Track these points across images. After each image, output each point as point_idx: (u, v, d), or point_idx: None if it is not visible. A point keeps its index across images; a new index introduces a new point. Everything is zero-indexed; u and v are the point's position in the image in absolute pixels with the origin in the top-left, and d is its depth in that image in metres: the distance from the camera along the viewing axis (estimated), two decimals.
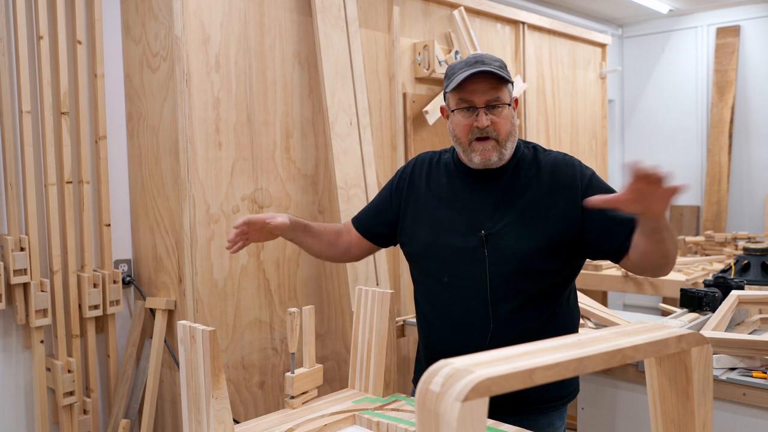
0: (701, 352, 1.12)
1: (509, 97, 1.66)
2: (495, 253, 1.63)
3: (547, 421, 1.74)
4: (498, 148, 1.64)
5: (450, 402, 0.80)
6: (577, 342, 1.00)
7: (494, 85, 1.62)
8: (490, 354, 0.91)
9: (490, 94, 1.62)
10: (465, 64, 1.64)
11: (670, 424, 1.14)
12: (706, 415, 1.12)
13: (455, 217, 1.70)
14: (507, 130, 1.64)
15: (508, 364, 0.88)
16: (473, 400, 0.80)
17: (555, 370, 0.91)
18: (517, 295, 1.64)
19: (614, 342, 1.01)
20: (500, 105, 1.63)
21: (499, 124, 1.63)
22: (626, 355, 0.99)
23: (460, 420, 0.78)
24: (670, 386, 1.13)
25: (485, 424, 0.81)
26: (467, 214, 1.68)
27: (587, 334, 1.06)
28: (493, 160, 1.65)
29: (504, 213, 1.65)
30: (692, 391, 1.10)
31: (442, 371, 0.84)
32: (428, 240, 1.73)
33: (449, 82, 1.66)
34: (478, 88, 1.61)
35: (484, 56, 1.65)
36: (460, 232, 1.67)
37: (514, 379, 0.86)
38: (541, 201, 1.65)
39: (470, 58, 1.65)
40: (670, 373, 1.13)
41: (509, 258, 1.62)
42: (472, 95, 1.62)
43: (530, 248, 1.62)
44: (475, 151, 1.65)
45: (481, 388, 0.81)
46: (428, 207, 1.76)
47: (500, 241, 1.63)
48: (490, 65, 1.62)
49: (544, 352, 0.94)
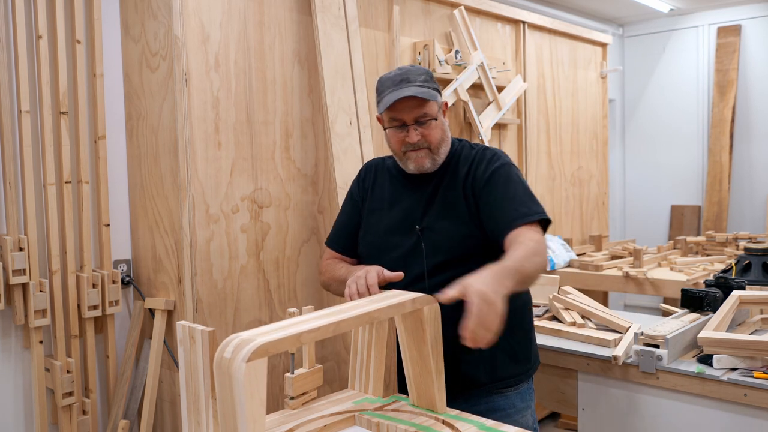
0: (431, 309, 1.49)
1: (436, 109, 1.77)
2: (430, 245, 1.77)
3: (508, 402, 1.81)
4: (431, 155, 1.78)
5: (238, 364, 1.09)
6: (338, 311, 1.33)
7: (420, 103, 1.73)
8: (270, 326, 1.21)
9: (417, 112, 1.74)
10: (392, 83, 1.74)
11: (414, 362, 1.52)
12: (438, 355, 1.51)
13: (396, 218, 1.84)
14: (437, 138, 1.78)
15: (282, 332, 1.18)
16: (255, 360, 1.09)
17: (318, 332, 1.22)
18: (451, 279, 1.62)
19: (365, 308, 1.35)
20: (428, 120, 1.75)
21: (430, 135, 1.76)
22: (373, 317, 1.34)
23: (246, 377, 1.08)
24: (413, 336, 1.50)
25: (265, 380, 1.12)
26: (405, 214, 1.83)
27: (348, 304, 1.40)
28: (426, 166, 1.79)
29: (434, 209, 1.80)
30: (427, 338, 1.48)
31: (233, 342, 1.13)
32: (374, 242, 1.87)
33: (379, 102, 1.78)
34: (406, 106, 1.73)
35: (410, 72, 1.75)
36: (399, 231, 1.82)
37: (286, 342, 1.16)
38: (459, 193, 1.78)
39: (396, 76, 1.75)
40: (411, 327, 1.49)
41: (441, 248, 1.76)
42: (401, 114, 1.75)
43: (455, 236, 1.75)
44: (410, 159, 1.79)
45: (261, 351, 1.11)
46: (375, 212, 1.90)
47: (432, 234, 1.77)
48: (415, 82, 1.72)
49: (311, 320, 1.25)
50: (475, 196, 1.77)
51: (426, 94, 1.72)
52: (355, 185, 2.00)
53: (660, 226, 5.85)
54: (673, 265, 3.66)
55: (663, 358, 2.01)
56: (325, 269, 1.97)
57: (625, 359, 2.09)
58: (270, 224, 2.51)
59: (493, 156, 1.81)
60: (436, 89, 1.78)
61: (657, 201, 5.87)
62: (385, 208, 1.88)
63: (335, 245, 1.99)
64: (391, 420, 1.48)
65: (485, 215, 1.74)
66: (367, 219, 1.92)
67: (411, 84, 1.73)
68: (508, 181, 1.76)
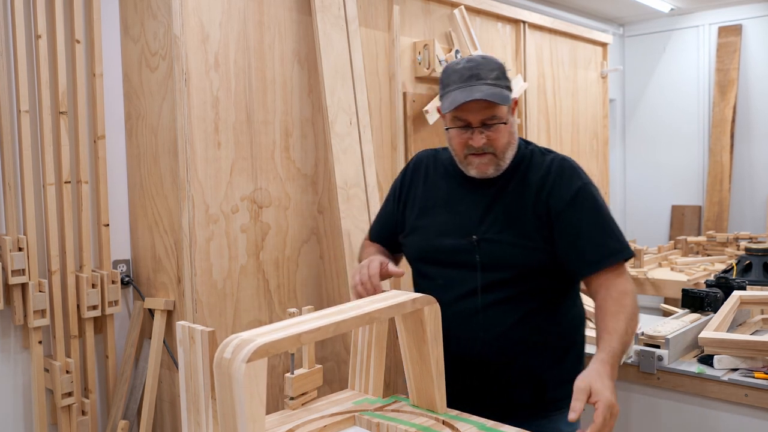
0: (431, 309, 1.46)
1: (506, 110, 1.59)
2: (486, 259, 1.61)
3: (552, 426, 1.65)
4: (495, 161, 1.61)
5: (238, 364, 1.08)
6: (338, 311, 1.32)
7: (489, 104, 1.54)
8: (270, 326, 1.20)
9: (485, 114, 1.56)
10: (459, 78, 1.56)
11: (414, 362, 1.51)
12: (438, 355, 1.49)
13: (449, 222, 1.67)
14: (504, 143, 1.60)
15: (282, 332, 1.16)
16: (255, 361, 1.08)
17: (318, 333, 1.20)
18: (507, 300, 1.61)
19: (366, 308, 1.33)
20: (496, 123, 1.57)
21: (497, 140, 1.58)
22: (373, 317, 1.32)
23: (246, 377, 1.07)
24: (413, 336, 1.48)
25: (265, 380, 1.11)
26: (460, 218, 1.66)
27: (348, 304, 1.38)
28: (489, 172, 1.62)
29: (494, 217, 1.63)
30: (427, 338, 1.46)
31: (232, 342, 1.12)
32: (423, 244, 1.72)
33: (443, 96, 1.60)
34: (473, 106, 1.55)
35: (480, 67, 1.56)
36: (452, 236, 1.65)
37: (286, 342, 1.15)
38: (527, 204, 1.62)
39: (464, 70, 1.56)
40: (411, 327, 1.48)
41: (498, 263, 1.61)
42: (467, 114, 1.57)
43: (517, 252, 1.60)
44: (472, 165, 1.62)
45: (261, 351, 1.10)
46: (425, 210, 1.74)
47: (490, 246, 1.61)
48: (486, 80, 1.54)
49: (311, 320, 1.24)
50: (550, 215, 1.59)
51: (497, 97, 1.53)
52: (402, 178, 1.83)
53: (660, 226, 5.85)
54: (673, 265, 3.66)
55: (663, 359, 2.01)
56: (360, 250, 1.93)
57: (626, 359, 2.09)
58: (270, 224, 2.51)
59: (573, 171, 1.65)
60: (508, 87, 1.59)
61: (657, 201, 5.86)
62: (439, 207, 1.71)
63: (373, 236, 1.90)
64: (391, 420, 1.47)
65: (565, 242, 1.58)
66: (414, 218, 1.75)
67: (481, 82, 1.54)
68: (594, 206, 1.61)
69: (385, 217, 1.87)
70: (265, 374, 1.11)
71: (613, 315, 1.49)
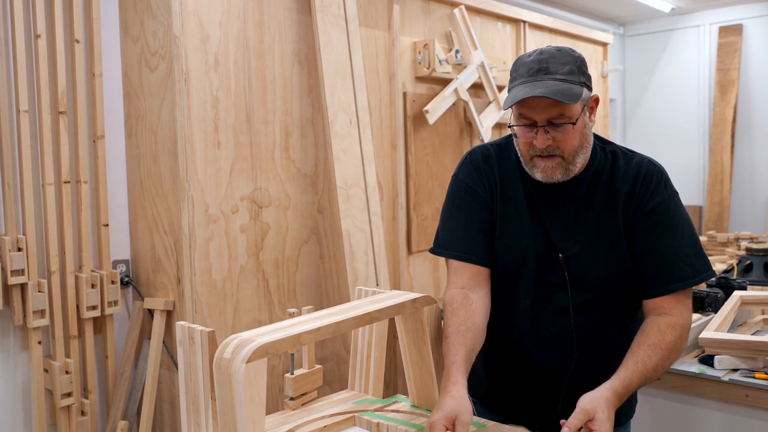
0: (431, 310, 1.47)
1: (579, 109, 1.40)
2: (576, 277, 1.47)
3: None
4: (563, 165, 1.43)
5: (237, 364, 1.08)
6: (338, 311, 1.30)
7: (557, 101, 1.36)
8: (269, 327, 1.19)
9: (551, 112, 1.38)
10: (527, 71, 1.40)
11: (414, 362, 1.50)
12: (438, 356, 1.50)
13: (530, 232, 1.51)
14: (574, 145, 1.41)
15: (282, 332, 1.15)
16: (254, 361, 1.08)
17: (318, 333, 1.19)
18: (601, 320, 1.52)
19: (366, 308, 1.32)
20: (564, 123, 1.39)
21: (564, 141, 1.40)
22: (373, 317, 1.31)
23: (246, 377, 1.07)
24: (413, 336, 1.47)
25: (265, 380, 1.10)
26: (541, 229, 1.50)
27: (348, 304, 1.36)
28: (556, 177, 1.44)
29: (582, 230, 1.48)
30: (427, 338, 1.46)
31: (232, 343, 1.12)
32: (510, 259, 1.53)
33: (509, 90, 1.45)
34: (539, 103, 1.37)
35: (551, 59, 1.40)
36: (535, 250, 1.50)
37: (286, 342, 1.14)
38: (617, 215, 1.47)
39: (533, 63, 1.40)
40: (411, 327, 1.46)
41: (590, 282, 1.47)
42: (531, 111, 1.39)
43: (611, 269, 1.47)
44: (537, 167, 1.45)
45: (261, 351, 1.09)
46: (507, 218, 1.53)
47: (580, 263, 1.47)
48: (555, 74, 1.37)
49: (311, 321, 1.23)
50: (630, 223, 1.46)
51: (563, 95, 1.35)
52: (474, 176, 1.56)
53: None
54: None
55: None
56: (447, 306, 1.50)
57: None
58: (269, 224, 2.51)
59: (661, 179, 1.50)
60: (582, 83, 1.40)
61: None
62: (522, 214, 1.52)
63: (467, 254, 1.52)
64: (390, 420, 1.47)
65: (636, 255, 1.46)
66: (499, 221, 1.53)
67: (549, 76, 1.37)
68: (675, 221, 1.46)
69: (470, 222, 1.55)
70: (265, 374, 1.11)
71: (650, 347, 1.37)
